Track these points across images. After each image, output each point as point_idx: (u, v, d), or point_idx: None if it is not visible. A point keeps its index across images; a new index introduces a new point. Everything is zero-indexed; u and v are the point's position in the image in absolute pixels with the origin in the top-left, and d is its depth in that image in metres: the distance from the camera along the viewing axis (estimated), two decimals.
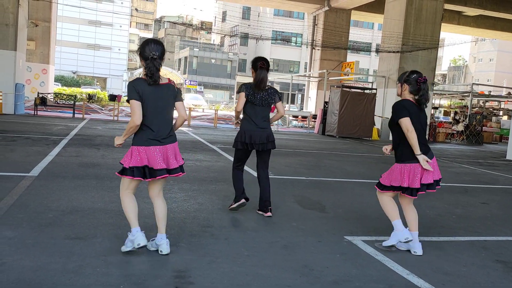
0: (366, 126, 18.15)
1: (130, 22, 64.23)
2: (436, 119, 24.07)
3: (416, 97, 3.99)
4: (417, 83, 3.95)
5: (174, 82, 3.55)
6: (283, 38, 48.01)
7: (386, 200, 4.09)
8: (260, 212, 4.93)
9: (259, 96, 4.78)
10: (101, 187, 5.66)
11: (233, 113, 25.77)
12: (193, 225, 4.40)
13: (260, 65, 4.76)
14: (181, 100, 3.61)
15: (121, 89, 50.11)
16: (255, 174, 5.22)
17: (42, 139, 9.90)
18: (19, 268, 3.03)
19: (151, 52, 3.35)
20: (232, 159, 9.15)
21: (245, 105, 4.81)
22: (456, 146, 19.01)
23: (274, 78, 37.80)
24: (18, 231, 3.67)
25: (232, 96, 56.02)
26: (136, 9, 69.37)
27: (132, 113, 3.35)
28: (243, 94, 4.78)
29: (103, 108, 23.80)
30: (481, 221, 5.49)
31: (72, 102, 18.98)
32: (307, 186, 6.83)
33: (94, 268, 3.14)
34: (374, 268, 3.58)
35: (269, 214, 4.86)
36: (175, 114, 3.63)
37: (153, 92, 3.39)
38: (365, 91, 19.22)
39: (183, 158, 3.69)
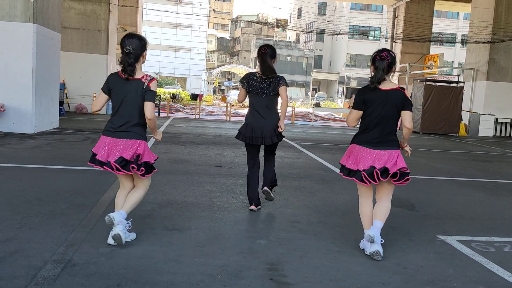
0: (452, 122, 17.24)
1: (208, 23, 66.08)
2: None
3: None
4: (374, 61, 3.61)
5: (147, 79, 3.43)
6: (360, 33, 46.87)
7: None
8: (265, 188, 4.72)
9: (261, 86, 4.51)
10: (191, 182, 5.93)
11: (310, 110, 25.72)
12: (281, 220, 4.49)
13: (262, 50, 4.52)
14: (149, 100, 3.42)
15: (200, 89, 51.78)
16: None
17: None
18: (126, 255, 3.29)
19: (125, 46, 3.40)
20: (313, 156, 9.17)
21: (248, 95, 4.62)
22: None
23: (351, 73, 37.06)
24: None
25: (308, 93, 55.74)
26: (214, 10, 71.23)
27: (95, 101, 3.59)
28: (242, 87, 4.61)
29: (185, 107, 24.77)
30: None
31: (157, 101, 19.96)
32: None
33: (193, 258, 3.31)
34: (472, 269, 3.43)
35: (265, 188, 4.69)
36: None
37: (122, 86, 3.45)
38: (451, 84, 18.25)
39: (142, 155, 3.48)
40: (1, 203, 4.45)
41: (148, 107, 3.43)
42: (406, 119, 3.61)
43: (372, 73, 3.65)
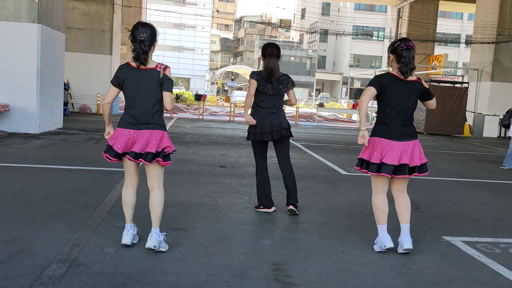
0: (457, 122, 17.19)
1: (212, 23, 66.12)
2: None
3: (398, 66, 3.58)
4: (400, 51, 3.55)
5: (162, 67, 3.40)
6: (364, 33, 46.78)
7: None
8: (290, 208, 4.60)
9: (271, 86, 4.48)
10: (195, 182, 5.94)
11: (313, 110, 25.66)
12: (285, 220, 4.48)
13: (269, 52, 4.45)
14: (168, 90, 3.40)
15: (204, 89, 51.83)
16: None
17: None
18: (131, 255, 3.29)
19: (139, 34, 3.36)
20: (317, 156, 9.15)
21: (256, 94, 4.55)
22: None
23: (355, 74, 37.04)
24: None
25: (312, 94, 55.69)
26: (218, 11, 71.21)
27: (106, 93, 3.51)
28: (253, 81, 4.48)
29: (188, 107, 24.80)
30: None
31: None
32: None
33: (197, 258, 3.31)
34: (478, 270, 3.42)
35: (292, 207, 4.57)
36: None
37: (136, 76, 3.37)
38: (456, 85, 18.20)
39: (166, 147, 3.41)
40: (7, 202, 4.47)
41: (168, 97, 3.39)
42: (432, 104, 3.75)
43: (395, 64, 3.60)
